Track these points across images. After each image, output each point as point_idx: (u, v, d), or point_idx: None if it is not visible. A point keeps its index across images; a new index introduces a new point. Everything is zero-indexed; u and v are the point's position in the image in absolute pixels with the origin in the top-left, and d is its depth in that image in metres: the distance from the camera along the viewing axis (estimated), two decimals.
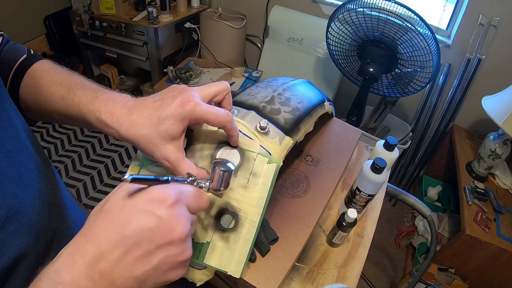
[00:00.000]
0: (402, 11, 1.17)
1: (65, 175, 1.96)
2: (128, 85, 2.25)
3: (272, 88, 0.62)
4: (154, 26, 1.79)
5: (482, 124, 1.67)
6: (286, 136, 0.54)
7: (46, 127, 2.29)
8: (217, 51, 2.03)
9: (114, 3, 1.84)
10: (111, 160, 2.09)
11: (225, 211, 0.48)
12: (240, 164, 0.50)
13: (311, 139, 0.78)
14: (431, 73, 1.25)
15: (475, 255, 1.22)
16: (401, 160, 1.95)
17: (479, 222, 1.20)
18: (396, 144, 0.73)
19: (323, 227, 0.74)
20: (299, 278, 0.63)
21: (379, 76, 1.33)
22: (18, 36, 2.14)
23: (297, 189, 0.66)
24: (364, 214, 0.78)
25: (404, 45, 1.23)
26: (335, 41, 1.42)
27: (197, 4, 2.09)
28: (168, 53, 1.99)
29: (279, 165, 0.50)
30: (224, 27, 1.93)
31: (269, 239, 0.56)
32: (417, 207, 0.83)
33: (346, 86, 1.87)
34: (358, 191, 0.69)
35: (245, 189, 0.49)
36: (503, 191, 1.38)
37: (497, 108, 1.25)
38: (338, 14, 1.32)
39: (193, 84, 1.84)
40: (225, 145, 0.51)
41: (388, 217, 1.92)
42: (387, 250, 1.75)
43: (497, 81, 1.50)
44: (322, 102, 0.69)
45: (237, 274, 0.46)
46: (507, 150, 1.32)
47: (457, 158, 1.52)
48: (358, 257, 0.69)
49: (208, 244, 0.47)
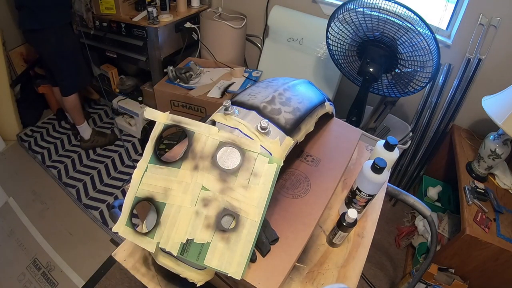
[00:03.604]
0: (402, 11, 1.17)
1: (65, 175, 1.96)
2: (128, 85, 2.25)
3: (273, 88, 0.62)
4: (154, 26, 1.79)
5: (482, 124, 1.67)
6: (286, 136, 0.54)
7: (46, 127, 2.29)
8: (217, 51, 2.03)
9: (114, 3, 1.84)
10: (111, 160, 2.09)
11: (225, 211, 0.48)
12: (241, 164, 0.50)
13: (311, 139, 0.78)
14: (431, 73, 1.25)
15: (475, 255, 1.22)
16: (401, 160, 1.95)
17: (479, 222, 1.20)
18: (396, 144, 0.73)
19: (324, 227, 0.73)
20: (300, 278, 0.63)
21: (379, 76, 1.33)
22: (18, 36, 2.14)
23: (298, 189, 0.66)
24: (364, 214, 0.78)
25: (404, 45, 1.23)
26: (335, 41, 1.42)
27: (197, 4, 2.09)
28: (168, 53, 1.99)
29: (279, 165, 0.50)
30: (224, 27, 1.93)
31: (270, 239, 0.55)
32: (417, 207, 0.83)
33: (346, 86, 1.87)
34: (358, 191, 0.69)
35: (245, 189, 0.49)
36: (503, 191, 1.38)
37: (497, 108, 1.25)
38: (338, 14, 1.32)
39: (193, 84, 1.84)
40: (225, 145, 0.51)
41: (388, 217, 1.92)
42: (387, 250, 1.75)
43: (497, 81, 1.50)
44: (322, 102, 0.69)
45: (238, 276, 0.46)
46: (507, 150, 1.32)
47: (457, 158, 1.52)
48: (358, 257, 0.69)
49: (208, 245, 0.47)
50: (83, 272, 1.51)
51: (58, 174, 1.96)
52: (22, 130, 2.24)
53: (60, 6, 1.64)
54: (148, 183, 0.52)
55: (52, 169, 1.99)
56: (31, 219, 1.72)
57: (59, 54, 1.72)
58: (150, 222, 0.52)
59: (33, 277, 1.47)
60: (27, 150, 2.12)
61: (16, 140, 2.19)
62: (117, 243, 1.65)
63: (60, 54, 1.73)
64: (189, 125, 0.53)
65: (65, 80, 1.84)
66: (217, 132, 0.51)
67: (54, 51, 1.70)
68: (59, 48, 1.70)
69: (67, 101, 1.91)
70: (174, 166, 0.52)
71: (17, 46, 2.17)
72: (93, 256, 1.57)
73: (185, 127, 0.53)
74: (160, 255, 0.52)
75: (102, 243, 1.64)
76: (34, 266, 1.51)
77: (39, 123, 2.33)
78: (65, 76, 1.82)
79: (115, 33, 1.95)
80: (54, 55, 1.72)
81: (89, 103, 2.54)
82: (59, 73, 1.81)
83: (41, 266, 1.51)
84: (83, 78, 1.96)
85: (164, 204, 0.51)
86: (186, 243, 0.48)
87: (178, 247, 0.48)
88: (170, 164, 0.52)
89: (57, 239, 1.63)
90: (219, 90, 1.79)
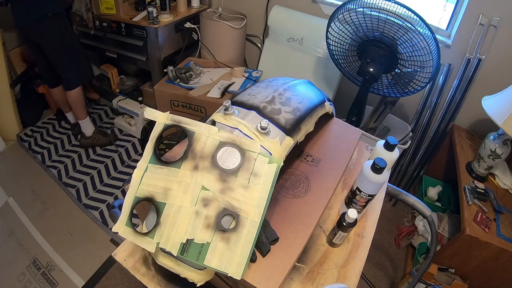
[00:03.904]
0: (402, 11, 1.17)
1: (65, 175, 1.96)
2: (128, 85, 2.25)
3: (273, 88, 0.62)
4: (154, 26, 1.79)
5: (482, 124, 1.67)
6: (286, 136, 0.54)
7: (46, 127, 2.29)
8: (217, 51, 2.03)
9: (114, 3, 1.84)
10: (111, 160, 2.09)
11: (225, 211, 0.48)
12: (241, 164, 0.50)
13: (311, 139, 0.78)
14: (431, 73, 1.25)
15: (475, 255, 1.22)
16: (401, 160, 1.95)
17: (479, 222, 1.20)
18: (396, 144, 0.73)
19: (324, 227, 0.74)
20: (300, 278, 0.63)
21: (379, 76, 1.33)
22: (18, 36, 2.14)
23: (298, 189, 0.66)
24: (364, 214, 0.78)
25: (404, 45, 1.23)
26: (335, 41, 1.42)
27: (197, 4, 2.09)
28: (168, 53, 1.99)
29: (279, 165, 0.50)
30: (224, 27, 1.93)
31: (270, 240, 0.55)
32: (417, 207, 0.83)
33: (346, 86, 1.87)
34: (358, 191, 0.69)
35: (245, 189, 0.49)
36: (503, 191, 1.38)
37: (497, 108, 1.25)
38: (338, 14, 1.32)
39: (193, 84, 1.84)
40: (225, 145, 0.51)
41: (388, 217, 1.92)
42: (387, 250, 1.75)
43: (497, 81, 1.50)
44: (322, 102, 0.69)
45: (238, 276, 0.46)
46: (507, 150, 1.32)
47: (457, 158, 1.52)
48: (358, 257, 0.69)
49: (208, 245, 0.47)
50: (83, 272, 1.51)
51: (58, 174, 1.96)
52: (22, 130, 2.24)
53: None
54: (148, 183, 0.52)
55: (52, 169, 1.99)
56: (31, 219, 1.72)
57: (60, 44, 1.72)
58: (150, 222, 0.52)
59: (33, 277, 1.47)
60: (27, 150, 2.12)
61: (16, 140, 2.19)
62: (117, 243, 1.65)
63: (62, 43, 1.73)
64: (189, 125, 0.53)
65: (69, 72, 1.84)
66: (217, 132, 0.51)
67: (55, 40, 1.70)
68: (59, 36, 1.70)
69: (71, 95, 1.90)
70: (174, 166, 0.52)
71: (17, 46, 2.17)
72: (93, 256, 1.57)
73: (185, 127, 0.53)
74: (160, 255, 0.52)
75: (102, 243, 1.64)
76: (34, 266, 1.51)
77: (39, 123, 2.33)
78: (69, 69, 1.82)
79: (115, 33, 1.95)
80: (57, 44, 1.71)
81: (89, 103, 2.54)
82: (63, 65, 1.80)
83: (41, 266, 1.51)
84: (85, 71, 1.97)
85: (164, 204, 0.51)
86: (186, 243, 0.48)
87: (178, 247, 0.48)
88: (170, 164, 0.52)
89: (57, 239, 1.63)
90: (219, 90, 1.79)
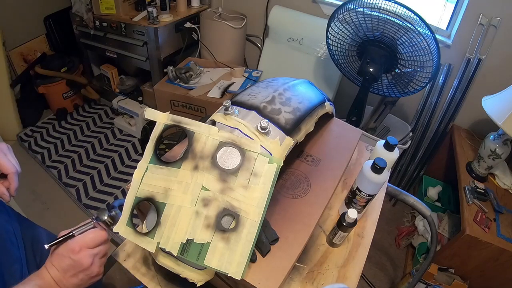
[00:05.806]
0: (402, 11, 1.17)
1: (65, 175, 1.96)
2: (128, 85, 2.25)
3: (273, 88, 0.62)
4: (154, 26, 1.79)
5: (482, 124, 1.67)
6: (286, 136, 0.54)
7: (46, 127, 2.29)
8: (217, 51, 2.03)
9: (114, 3, 1.84)
10: (111, 160, 2.09)
11: (225, 212, 0.48)
12: (241, 164, 0.50)
13: (311, 139, 0.78)
14: (431, 73, 1.25)
15: (475, 255, 1.22)
16: (401, 160, 1.95)
17: (479, 222, 1.20)
18: (396, 144, 0.73)
19: (324, 227, 0.74)
20: (300, 278, 0.63)
21: (379, 76, 1.33)
22: (18, 36, 2.14)
23: (298, 189, 0.66)
24: (364, 214, 0.78)
25: (404, 45, 1.23)
26: (335, 41, 1.42)
27: (197, 4, 2.09)
28: (168, 53, 1.99)
29: (279, 165, 0.50)
30: (224, 27, 1.93)
31: (270, 239, 0.56)
32: (417, 207, 0.83)
33: (346, 86, 1.87)
34: (358, 191, 0.69)
35: (245, 189, 0.49)
36: (503, 191, 1.38)
37: (497, 108, 1.25)
38: (338, 14, 1.32)
39: (193, 84, 1.84)
40: (225, 145, 0.51)
41: (388, 217, 1.92)
42: (387, 250, 1.75)
43: (497, 81, 1.50)
44: (322, 102, 0.69)
45: (238, 276, 0.46)
46: (507, 150, 1.32)
47: (457, 158, 1.52)
48: (358, 257, 0.69)
49: (208, 245, 0.47)
50: None
51: (58, 174, 1.96)
52: (22, 130, 2.24)
53: None
54: (148, 183, 0.52)
55: (52, 169, 1.99)
56: (31, 219, 1.71)
57: None
58: (150, 222, 0.52)
59: None
60: (27, 150, 2.12)
61: (16, 140, 2.19)
62: (117, 243, 1.65)
63: None
64: (189, 125, 0.53)
65: None
66: (217, 132, 0.51)
67: None
68: None
69: None
70: (174, 166, 0.52)
71: (17, 46, 2.17)
72: None
73: (185, 127, 0.53)
74: (160, 255, 0.52)
75: None
76: None
77: (39, 123, 2.33)
78: None
79: (115, 33, 1.95)
80: None
81: (89, 103, 2.54)
82: None
83: None
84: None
85: (164, 204, 0.51)
86: (186, 243, 0.48)
87: (178, 247, 0.48)
88: (170, 164, 0.52)
89: None
90: (219, 90, 1.79)
